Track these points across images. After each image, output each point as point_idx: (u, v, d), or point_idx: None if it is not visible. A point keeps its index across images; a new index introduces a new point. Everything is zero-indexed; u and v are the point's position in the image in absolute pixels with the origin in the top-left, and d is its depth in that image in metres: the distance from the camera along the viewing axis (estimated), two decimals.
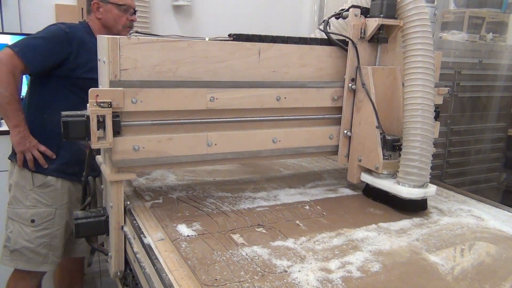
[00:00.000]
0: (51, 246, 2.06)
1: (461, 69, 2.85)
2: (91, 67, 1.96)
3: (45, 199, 2.03)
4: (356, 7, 1.53)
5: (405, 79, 1.44)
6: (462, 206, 1.57)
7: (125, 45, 1.24)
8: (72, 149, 2.00)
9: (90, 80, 1.97)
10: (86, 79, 1.95)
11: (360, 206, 1.52)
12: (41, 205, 2.03)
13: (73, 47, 1.95)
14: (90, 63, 1.95)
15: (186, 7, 2.78)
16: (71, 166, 2.03)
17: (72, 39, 1.95)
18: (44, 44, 1.91)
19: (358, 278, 1.04)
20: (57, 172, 2.04)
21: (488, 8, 3.02)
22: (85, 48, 1.98)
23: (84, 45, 1.98)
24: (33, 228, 2.02)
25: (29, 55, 1.88)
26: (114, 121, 1.24)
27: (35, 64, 1.91)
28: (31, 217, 2.01)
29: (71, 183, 2.09)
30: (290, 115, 1.55)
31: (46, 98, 2.00)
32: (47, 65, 1.93)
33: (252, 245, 1.17)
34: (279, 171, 1.91)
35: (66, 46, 1.93)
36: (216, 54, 1.37)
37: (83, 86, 1.99)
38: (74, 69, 1.97)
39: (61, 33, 1.94)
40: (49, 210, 2.04)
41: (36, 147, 1.98)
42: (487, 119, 3.12)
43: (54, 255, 2.08)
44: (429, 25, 1.43)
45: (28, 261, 2.03)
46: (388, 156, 1.49)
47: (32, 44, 1.91)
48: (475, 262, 1.15)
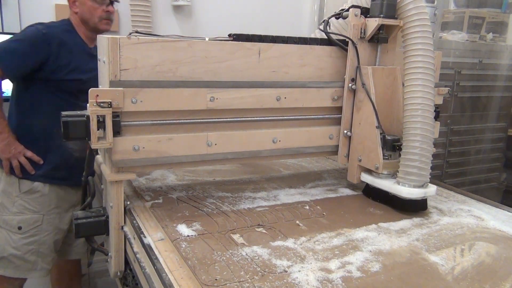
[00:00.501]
0: (39, 253, 2.02)
1: (461, 69, 2.85)
2: (73, 67, 1.94)
3: (32, 205, 1.99)
4: (356, 7, 1.53)
5: (405, 79, 1.44)
6: (462, 206, 1.57)
7: (125, 45, 1.24)
8: (60, 154, 1.97)
9: (74, 81, 1.94)
10: (69, 81, 1.93)
11: (360, 206, 1.52)
12: (28, 212, 1.98)
13: (52, 48, 1.88)
14: (73, 63, 1.94)
15: (186, 7, 2.78)
16: (59, 170, 2.00)
17: (51, 40, 1.88)
18: (20, 47, 1.85)
19: (358, 278, 1.04)
20: (44, 178, 1.99)
21: (488, 8, 3.02)
22: (65, 48, 1.92)
23: (65, 45, 1.93)
24: (21, 235, 1.97)
25: (5, 59, 1.83)
26: (114, 121, 1.24)
27: (11, 69, 1.86)
28: (18, 224, 1.97)
29: (60, 187, 2.05)
30: (290, 115, 1.55)
31: (30, 102, 1.96)
32: (25, 69, 1.87)
33: (252, 245, 1.17)
34: (279, 171, 1.91)
35: (44, 48, 1.87)
36: (216, 54, 1.37)
37: (67, 88, 1.95)
38: (54, 71, 1.91)
39: (38, 34, 1.87)
40: (36, 217, 1.99)
41: (22, 153, 1.93)
42: (487, 119, 3.12)
43: (43, 261, 2.04)
44: (429, 25, 1.43)
45: (17, 268, 1.99)
46: (388, 156, 1.49)
47: (9, 48, 1.85)
48: (475, 262, 1.15)
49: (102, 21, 2.01)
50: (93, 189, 1.60)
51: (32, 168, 1.96)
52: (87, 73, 1.93)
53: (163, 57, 1.30)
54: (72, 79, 1.93)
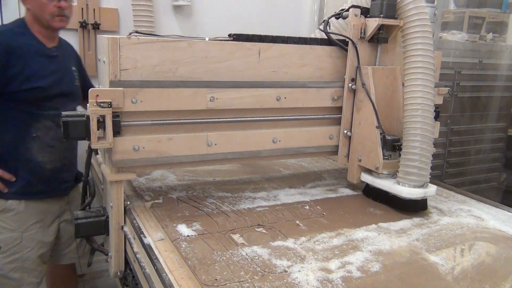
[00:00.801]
0: (24, 269, 1.93)
1: (461, 69, 2.85)
2: (28, 75, 1.74)
3: (8, 224, 1.88)
4: (356, 7, 1.53)
5: (405, 79, 1.44)
6: (462, 206, 1.57)
7: (125, 45, 1.24)
8: (30, 168, 1.86)
9: (31, 90, 1.74)
10: (26, 91, 1.75)
11: (360, 206, 1.52)
12: (5, 231, 1.88)
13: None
14: (27, 70, 1.74)
15: (186, 7, 2.78)
16: (34, 185, 1.89)
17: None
18: None
19: (358, 278, 1.04)
20: (18, 195, 1.87)
21: (488, 8, 3.02)
22: (15, 55, 1.72)
23: (14, 52, 1.72)
24: (1, 254, 1.89)
25: None
26: (114, 121, 1.24)
27: None
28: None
29: (40, 201, 1.94)
30: (290, 115, 1.55)
31: None
32: None
33: (252, 245, 1.17)
34: (279, 171, 1.91)
35: None
36: (216, 54, 1.37)
37: (27, 99, 1.75)
38: (7, 84, 1.72)
39: None
40: (14, 235, 1.89)
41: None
42: (487, 119, 3.12)
43: (30, 276, 1.96)
44: (429, 25, 1.43)
45: (2, 287, 1.92)
46: (388, 156, 1.49)
47: None
48: (475, 262, 1.15)
49: (54, 18, 1.77)
50: (93, 189, 1.60)
51: (4, 186, 1.84)
52: (46, 78, 1.78)
53: (163, 57, 1.30)
54: (29, 88, 1.74)
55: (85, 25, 2.48)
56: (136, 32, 1.32)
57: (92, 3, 2.49)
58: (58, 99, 1.85)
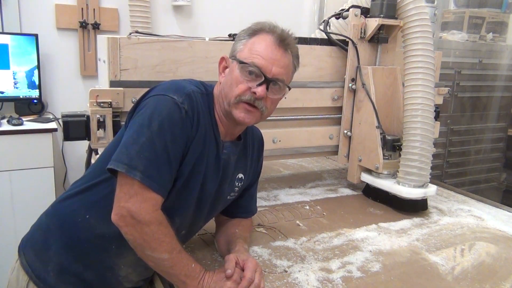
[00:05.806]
0: None
1: (461, 69, 2.85)
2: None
3: None
4: (356, 7, 1.53)
5: (405, 79, 1.44)
6: (462, 206, 1.57)
7: (125, 45, 1.24)
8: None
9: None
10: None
11: (360, 206, 1.52)
12: None
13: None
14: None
15: (186, 7, 2.78)
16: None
17: (193, 123, 1.01)
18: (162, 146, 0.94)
19: (358, 278, 1.04)
20: None
21: (488, 8, 3.02)
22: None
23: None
24: None
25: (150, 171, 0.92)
26: (114, 121, 1.24)
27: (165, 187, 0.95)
28: None
29: None
30: (290, 115, 1.55)
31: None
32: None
33: (252, 245, 1.17)
34: (279, 171, 1.91)
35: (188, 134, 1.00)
36: (216, 54, 1.37)
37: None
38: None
39: (181, 113, 0.97)
40: None
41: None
42: (487, 119, 3.12)
43: None
44: (429, 25, 1.43)
45: None
46: (388, 156, 1.49)
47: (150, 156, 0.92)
48: (475, 262, 1.15)
49: (239, 104, 1.02)
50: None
51: None
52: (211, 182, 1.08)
53: (163, 57, 1.30)
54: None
55: (85, 25, 2.48)
56: (136, 32, 1.32)
57: (92, 3, 2.49)
58: None
